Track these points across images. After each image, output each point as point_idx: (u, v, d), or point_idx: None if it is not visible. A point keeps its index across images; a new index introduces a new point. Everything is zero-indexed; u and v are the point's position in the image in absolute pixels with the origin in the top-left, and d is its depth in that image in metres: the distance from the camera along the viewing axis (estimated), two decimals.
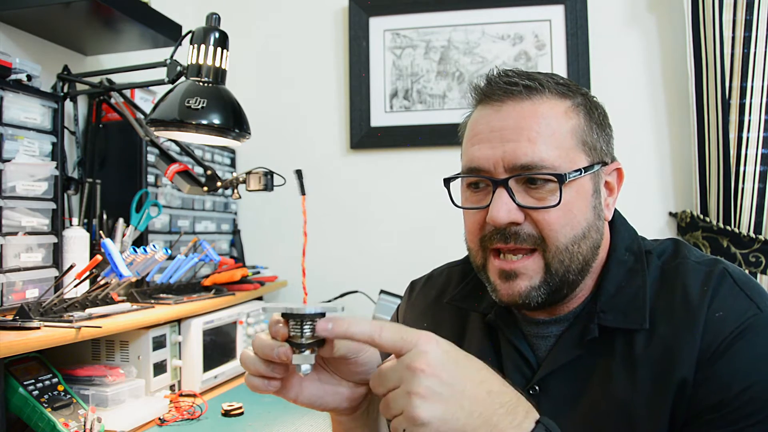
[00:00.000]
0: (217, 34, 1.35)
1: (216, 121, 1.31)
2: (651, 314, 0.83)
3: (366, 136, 2.21)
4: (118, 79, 1.64)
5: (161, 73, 1.45)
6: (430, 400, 0.62)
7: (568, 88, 0.88)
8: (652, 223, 2.05)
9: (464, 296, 1.00)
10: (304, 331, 0.67)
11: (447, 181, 0.91)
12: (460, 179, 0.91)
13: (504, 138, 0.83)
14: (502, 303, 0.88)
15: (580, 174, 0.84)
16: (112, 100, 1.62)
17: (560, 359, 0.87)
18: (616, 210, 0.95)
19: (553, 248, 0.83)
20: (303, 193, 0.70)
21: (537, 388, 0.87)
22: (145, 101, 1.82)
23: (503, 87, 0.85)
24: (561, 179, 0.82)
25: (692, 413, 0.79)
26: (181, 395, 1.57)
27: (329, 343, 0.69)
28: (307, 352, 0.67)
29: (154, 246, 1.43)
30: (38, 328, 1.18)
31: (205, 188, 1.62)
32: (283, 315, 0.67)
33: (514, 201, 0.83)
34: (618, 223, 0.94)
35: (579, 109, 0.87)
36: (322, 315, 0.67)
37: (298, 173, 0.70)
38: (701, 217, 1.93)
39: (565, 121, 0.85)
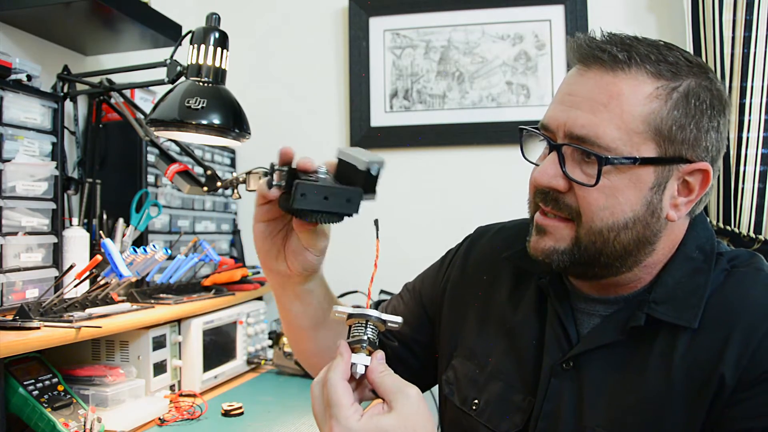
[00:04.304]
0: (217, 34, 1.35)
1: (216, 121, 1.31)
2: (704, 315, 0.80)
3: (366, 136, 2.21)
4: (118, 79, 1.63)
5: (161, 73, 1.45)
6: None
7: (671, 68, 0.80)
8: None
9: (525, 254, 0.95)
10: (367, 332, 0.76)
11: (522, 131, 0.91)
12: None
13: (573, 104, 0.82)
14: (531, 256, 0.88)
15: (633, 163, 0.79)
16: (112, 100, 1.61)
17: (599, 340, 0.86)
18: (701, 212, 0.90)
19: (586, 226, 0.81)
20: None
21: (571, 363, 0.86)
22: (145, 101, 1.82)
23: (593, 52, 0.82)
24: (602, 161, 0.78)
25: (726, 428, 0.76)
26: (181, 395, 1.57)
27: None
28: (365, 353, 0.75)
29: (154, 246, 1.43)
30: (38, 328, 1.18)
31: (205, 188, 1.62)
32: (350, 315, 0.78)
33: (562, 168, 0.81)
34: (697, 221, 0.89)
35: (671, 94, 0.79)
36: (383, 321, 0.77)
37: (375, 222, 0.95)
38: None
39: (644, 104, 0.79)
